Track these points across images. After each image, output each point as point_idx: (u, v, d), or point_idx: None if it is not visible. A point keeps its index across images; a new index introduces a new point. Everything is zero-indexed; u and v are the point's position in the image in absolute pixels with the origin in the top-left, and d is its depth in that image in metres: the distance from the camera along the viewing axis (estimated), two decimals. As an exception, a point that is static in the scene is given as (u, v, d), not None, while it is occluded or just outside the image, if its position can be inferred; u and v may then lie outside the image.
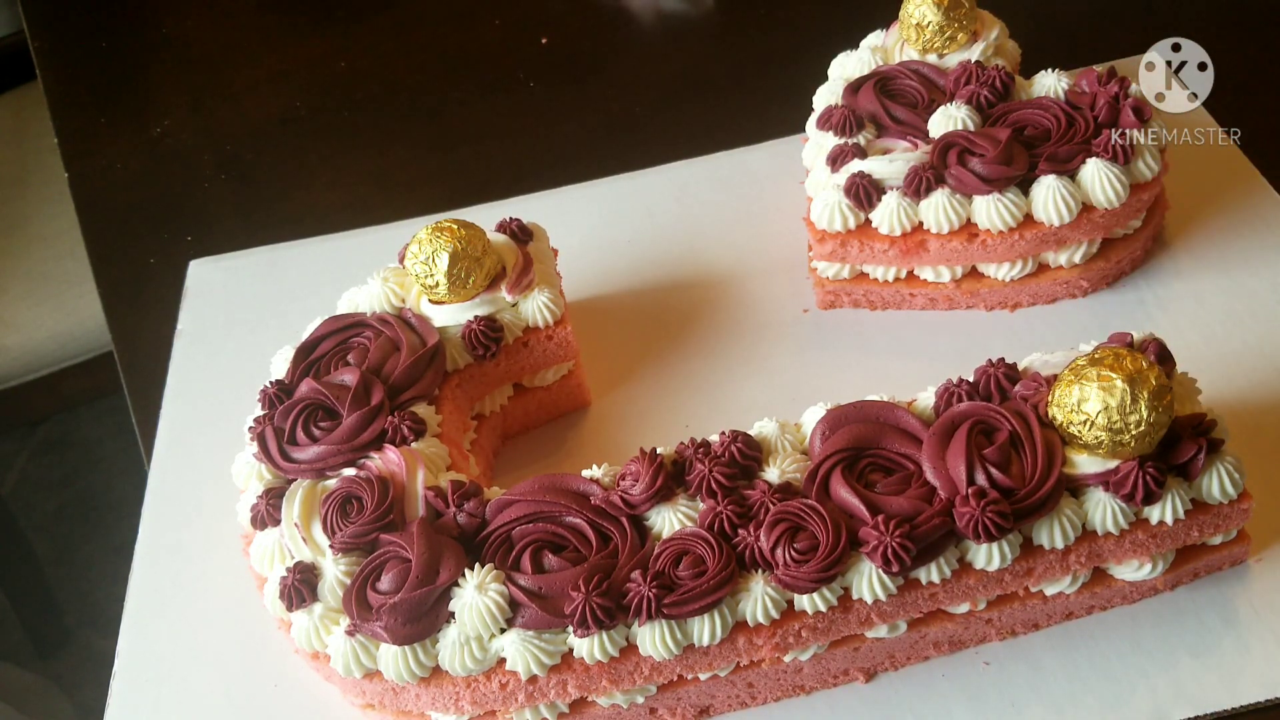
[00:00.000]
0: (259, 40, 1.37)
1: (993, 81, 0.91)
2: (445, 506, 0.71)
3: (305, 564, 0.71)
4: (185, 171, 1.21)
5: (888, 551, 0.66)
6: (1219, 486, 0.70)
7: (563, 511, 0.70)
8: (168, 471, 0.91)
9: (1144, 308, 0.92)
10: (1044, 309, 0.93)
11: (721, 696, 0.74)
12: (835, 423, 0.72)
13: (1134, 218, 0.90)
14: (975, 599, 0.71)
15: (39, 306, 1.61)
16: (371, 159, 1.19)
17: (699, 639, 0.67)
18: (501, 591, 0.67)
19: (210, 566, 0.84)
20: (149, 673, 0.80)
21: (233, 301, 1.04)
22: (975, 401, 0.71)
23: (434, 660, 0.68)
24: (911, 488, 0.68)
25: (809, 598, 0.67)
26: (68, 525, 2.02)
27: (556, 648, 0.68)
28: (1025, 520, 0.68)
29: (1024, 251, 0.89)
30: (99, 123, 1.29)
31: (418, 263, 0.83)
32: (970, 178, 0.86)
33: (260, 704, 0.77)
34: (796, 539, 0.67)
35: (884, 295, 0.94)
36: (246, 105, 1.28)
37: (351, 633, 0.69)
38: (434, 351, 0.82)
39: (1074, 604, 0.74)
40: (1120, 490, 0.68)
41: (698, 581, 0.66)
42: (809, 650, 0.71)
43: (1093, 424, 0.66)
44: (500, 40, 1.31)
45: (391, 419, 0.77)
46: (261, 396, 0.81)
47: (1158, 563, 0.73)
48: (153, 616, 0.83)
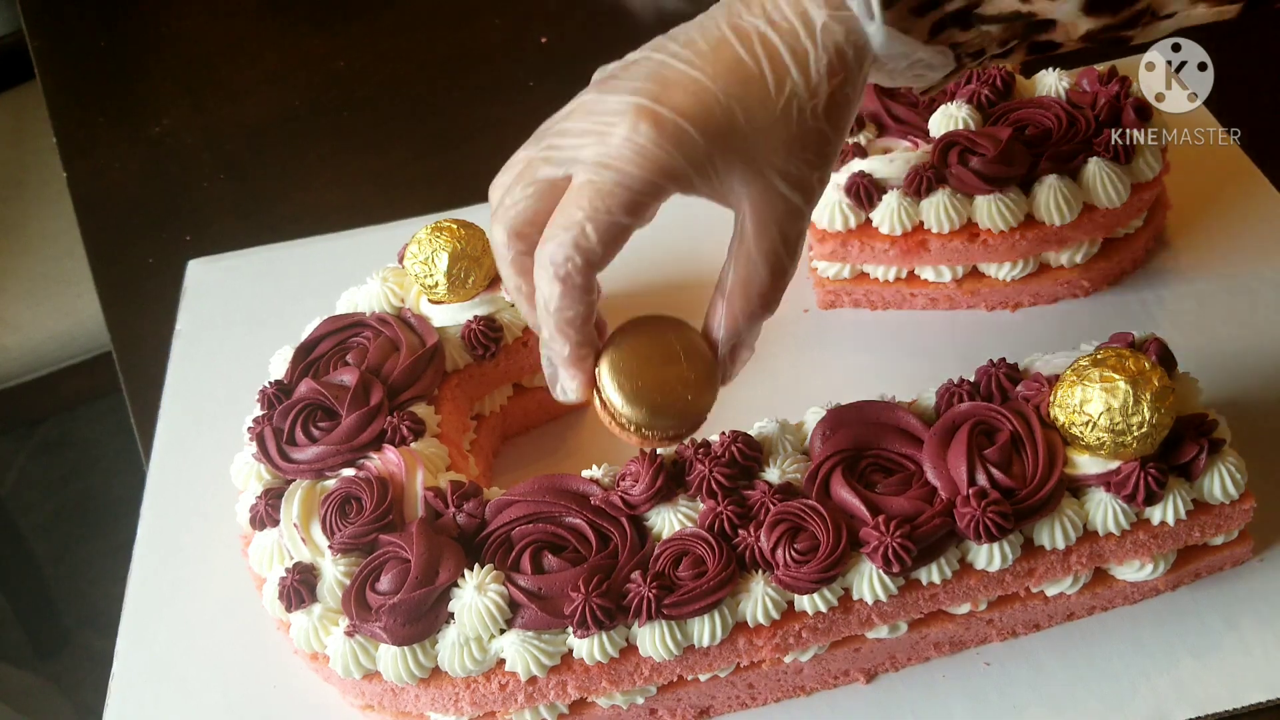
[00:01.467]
0: (258, 40, 1.37)
1: (993, 81, 0.91)
2: (445, 507, 0.71)
3: (304, 565, 0.71)
4: (184, 171, 1.21)
5: (888, 552, 0.66)
6: (1220, 487, 0.70)
7: (563, 512, 0.70)
8: (167, 472, 0.91)
9: (1145, 307, 0.91)
10: (1045, 309, 0.93)
11: (722, 697, 0.73)
12: (836, 423, 0.72)
13: (1135, 217, 0.90)
14: (976, 599, 0.71)
15: (37, 306, 1.61)
16: (371, 159, 1.19)
17: (699, 640, 0.67)
18: (501, 592, 0.67)
19: (209, 567, 0.84)
20: (148, 673, 0.80)
21: (232, 301, 1.03)
22: (976, 402, 0.71)
23: (433, 661, 0.68)
24: (912, 488, 0.68)
25: (809, 598, 0.67)
26: (67, 525, 2.02)
27: (556, 648, 0.67)
28: (1026, 521, 0.68)
29: (1025, 251, 0.88)
30: (98, 122, 1.29)
31: (417, 263, 0.82)
32: (971, 177, 0.86)
33: (260, 704, 0.77)
34: (797, 539, 0.67)
35: (884, 295, 0.94)
36: (246, 105, 1.28)
37: (350, 633, 0.68)
38: (433, 351, 0.82)
39: (1075, 604, 0.74)
40: (1122, 491, 0.68)
41: (698, 582, 0.66)
42: (809, 651, 0.71)
43: (1095, 425, 0.66)
44: (500, 40, 1.31)
45: (391, 419, 0.77)
46: (260, 397, 0.80)
47: (1159, 563, 0.72)
48: (152, 617, 0.83)
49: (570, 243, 0.59)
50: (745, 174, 0.60)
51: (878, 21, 0.59)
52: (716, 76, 0.59)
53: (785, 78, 0.59)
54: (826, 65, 0.59)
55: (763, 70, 0.59)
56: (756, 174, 0.60)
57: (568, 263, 0.60)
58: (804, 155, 0.60)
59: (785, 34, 0.60)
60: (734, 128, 0.59)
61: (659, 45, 0.62)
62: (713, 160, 0.59)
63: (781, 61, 0.59)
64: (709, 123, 0.58)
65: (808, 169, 0.61)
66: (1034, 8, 0.59)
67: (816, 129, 0.60)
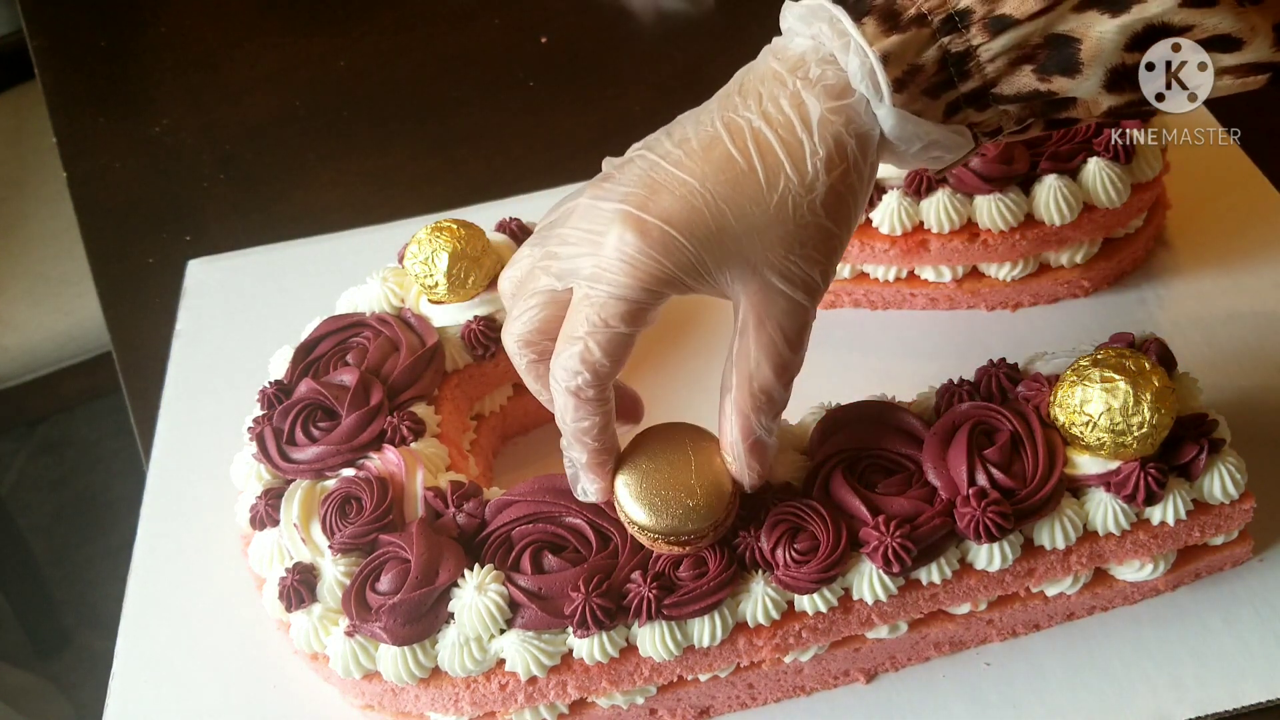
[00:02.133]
0: (258, 40, 1.37)
1: (993, 81, 0.91)
2: (445, 507, 0.71)
3: (304, 565, 0.71)
4: (184, 171, 1.21)
5: (888, 552, 0.66)
6: (1220, 487, 0.70)
7: (563, 512, 0.70)
8: (166, 472, 0.91)
9: (1145, 307, 0.91)
10: (1045, 309, 0.93)
11: (722, 697, 0.73)
12: (835, 423, 0.72)
13: (1135, 217, 0.90)
14: (976, 599, 0.71)
15: (37, 306, 1.61)
16: (371, 159, 1.19)
17: (699, 640, 0.67)
18: (501, 592, 0.67)
19: (209, 567, 0.84)
20: (148, 673, 0.80)
21: (232, 301, 1.03)
22: (976, 402, 0.71)
23: (433, 661, 0.68)
24: (912, 488, 0.68)
25: (809, 598, 0.67)
26: (66, 525, 2.02)
27: (556, 648, 0.67)
28: (1026, 521, 0.68)
29: (1025, 251, 0.89)
30: (98, 122, 1.29)
31: (417, 263, 0.82)
32: (971, 177, 0.86)
33: (260, 704, 0.77)
34: (797, 539, 0.67)
35: (884, 295, 0.94)
36: (246, 105, 1.28)
37: (351, 633, 0.68)
38: (433, 351, 0.82)
39: (1075, 604, 0.74)
40: (1122, 491, 0.68)
41: (698, 582, 0.66)
42: (809, 651, 0.71)
43: (1095, 425, 0.66)
44: (500, 40, 1.31)
45: (391, 419, 0.77)
46: (260, 397, 0.80)
47: (1159, 563, 0.72)
48: (152, 617, 0.83)
49: (576, 358, 0.60)
50: (742, 273, 0.59)
51: (887, 105, 0.58)
52: (706, 177, 0.58)
53: (779, 174, 0.58)
54: (824, 159, 0.58)
55: (754, 167, 0.58)
56: (754, 272, 0.59)
57: (576, 377, 0.60)
58: (803, 252, 0.59)
59: (780, 127, 0.58)
60: (724, 229, 0.58)
61: (654, 142, 0.62)
62: (704, 263, 0.58)
63: (775, 157, 0.58)
64: (696, 227, 0.58)
65: (808, 265, 0.60)
66: (1053, 86, 0.57)
67: (816, 224, 0.59)
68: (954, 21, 0.57)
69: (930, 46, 0.57)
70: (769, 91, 0.60)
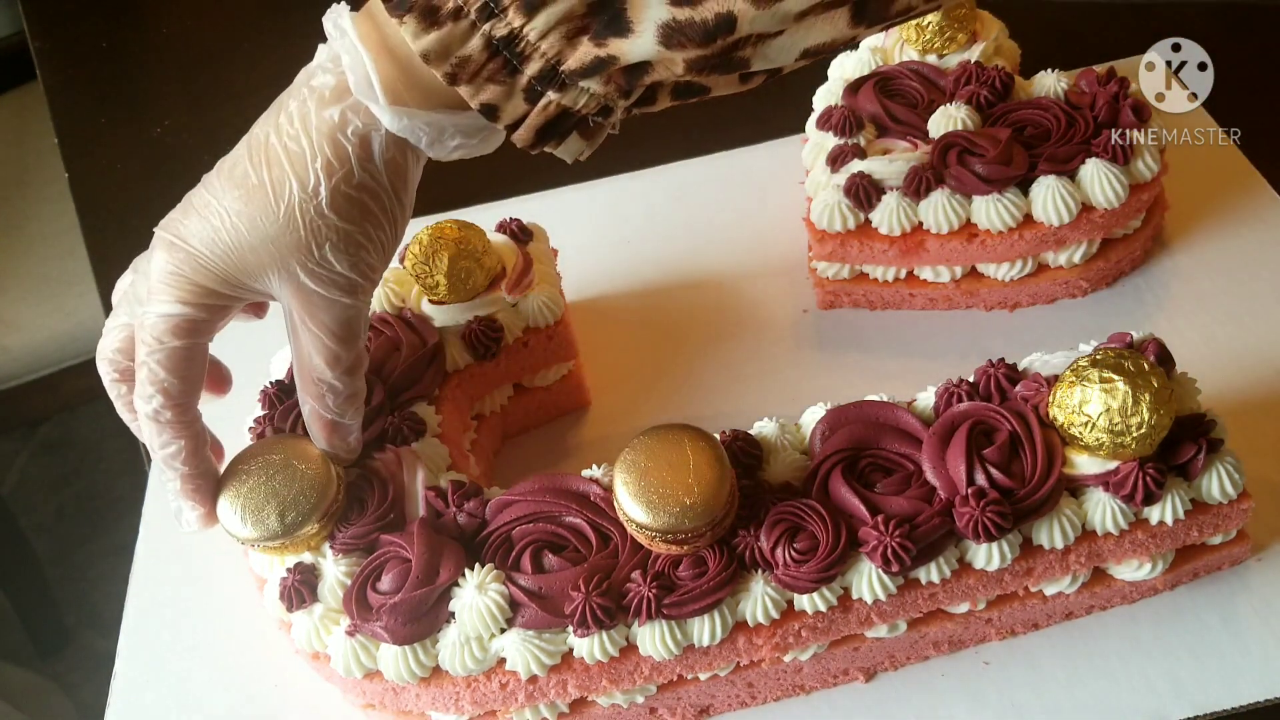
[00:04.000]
0: (259, 41, 1.37)
1: (992, 81, 0.91)
2: (445, 506, 0.71)
3: (305, 565, 0.71)
4: (185, 171, 1.20)
5: (888, 551, 0.66)
6: (1219, 486, 0.70)
7: (563, 511, 0.70)
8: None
9: (1143, 308, 0.92)
10: (1044, 309, 0.93)
11: (721, 696, 0.74)
12: (835, 423, 0.72)
13: (1133, 218, 0.90)
14: (975, 599, 0.71)
15: (39, 307, 1.61)
16: (371, 159, 1.19)
17: (699, 639, 0.67)
18: (501, 591, 0.67)
19: (210, 567, 0.84)
20: (149, 672, 0.80)
21: (233, 302, 1.03)
22: (975, 402, 0.71)
23: (434, 660, 0.68)
24: (911, 488, 0.69)
25: (809, 598, 0.67)
26: (68, 525, 2.02)
27: (556, 648, 0.68)
28: (1025, 520, 0.68)
29: (1023, 251, 0.89)
30: (99, 123, 1.29)
31: (417, 263, 0.83)
32: (970, 178, 0.86)
33: (260, 704, 0.77)
34: (796, 539, 0.67)
35: (884, 295, 0.94)
36: (246, 105, 1.27)
37: (352, 633, 0.69)
38: (434, 351, 0.82)
39: (1074, 604, 0.74)
40: (1120, 491, 0.68)
41: (698, 582, 0.66)
42: (809, 650, 0.71)
43: (1094, 425, 0.66)
44: (500, 40, 1.31)
45: (391, 419, 0.77)
46: (261, 397, 0.81)
47: (1157, 563, 0.73)
48: (153, 616, 0.83)
49: (145, 382, 0.64)
50: (278, 278, 0.63)
51: (381, 102, 0.59)
52: (225, 193, 0.62)
53: (285, 184, 0.61)
54: (324, 164, 0.60)
55: (264, 181, 0.61)
56: (288, 276, 0.62)
57: (151, 401, 0.64)
58: (324, 253, 0.62)
59: (288, 138, 0.61)
60: (241, 243, 0.61)
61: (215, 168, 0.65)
62: (231, 275, 0.62)
63: (281, 168, 0.61)
64: (216, 244, 0.62)
65: (334, 265, 0.62)
66: (612, 50, 0.54)
67: (331, 226, 0.61)
68: (490, 8, 0.55)
69: (473, 36, 0.56)
70: (288, 101, 0.62)
